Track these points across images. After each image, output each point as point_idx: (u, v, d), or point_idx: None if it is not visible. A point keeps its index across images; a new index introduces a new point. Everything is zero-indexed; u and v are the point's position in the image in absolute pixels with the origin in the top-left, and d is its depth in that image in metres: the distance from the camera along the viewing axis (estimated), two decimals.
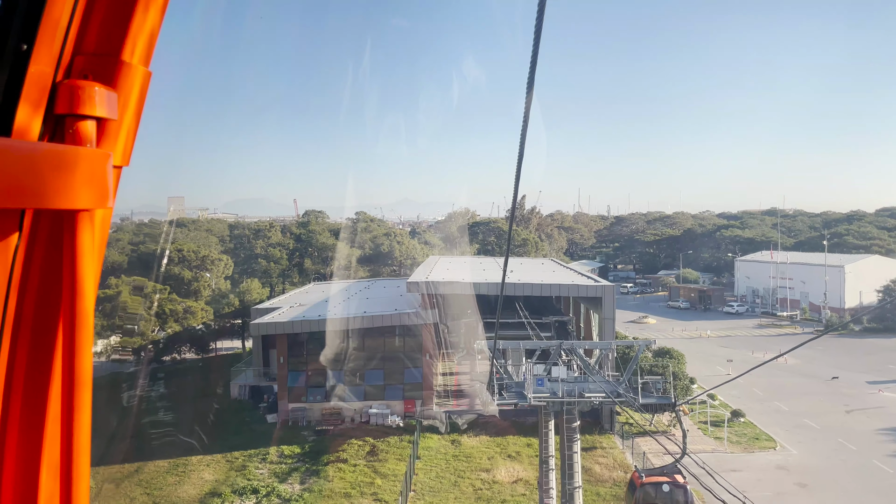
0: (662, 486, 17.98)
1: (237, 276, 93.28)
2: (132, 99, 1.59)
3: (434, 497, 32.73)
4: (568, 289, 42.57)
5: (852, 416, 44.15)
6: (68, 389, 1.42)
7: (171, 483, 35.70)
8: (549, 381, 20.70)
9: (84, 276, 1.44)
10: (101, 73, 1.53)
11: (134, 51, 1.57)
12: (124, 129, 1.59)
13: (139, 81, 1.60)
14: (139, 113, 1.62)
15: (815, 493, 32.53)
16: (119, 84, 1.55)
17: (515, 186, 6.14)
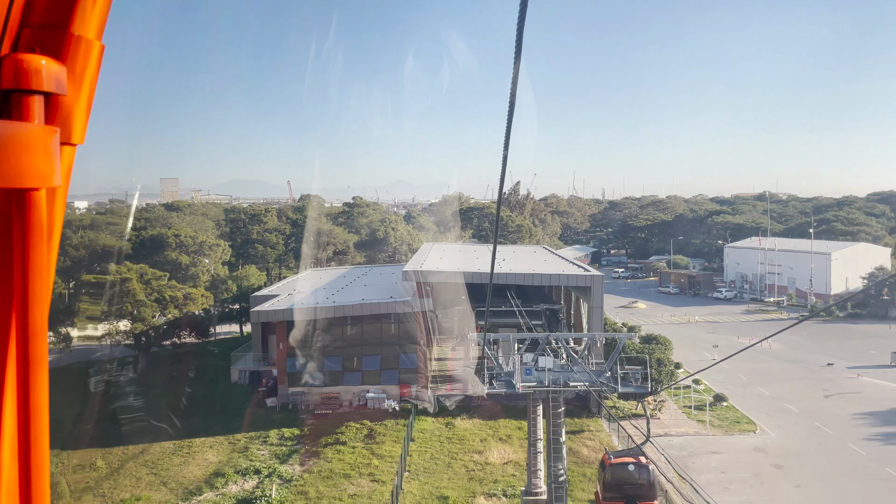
0: (628, 466, 19.88)
1: (234, 261, 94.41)
2: (83, 74, 1.54)
3: (428, 477, 34.33)
4: (558, 278, 44.01)
5: (831, 401, 45.93)
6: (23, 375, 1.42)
7: (177, 464, 37.20)
8: (537, 371, 22.17)
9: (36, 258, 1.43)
10: (50, 46, 1.49)
11: (84, 23, 1.53)
12: (75, 104, 1.54)
13: (91, 55, 1.55)
14: (92, 88, 1.58)
15: (790, 474, 34.26)
16: (69, 58, 1.50)
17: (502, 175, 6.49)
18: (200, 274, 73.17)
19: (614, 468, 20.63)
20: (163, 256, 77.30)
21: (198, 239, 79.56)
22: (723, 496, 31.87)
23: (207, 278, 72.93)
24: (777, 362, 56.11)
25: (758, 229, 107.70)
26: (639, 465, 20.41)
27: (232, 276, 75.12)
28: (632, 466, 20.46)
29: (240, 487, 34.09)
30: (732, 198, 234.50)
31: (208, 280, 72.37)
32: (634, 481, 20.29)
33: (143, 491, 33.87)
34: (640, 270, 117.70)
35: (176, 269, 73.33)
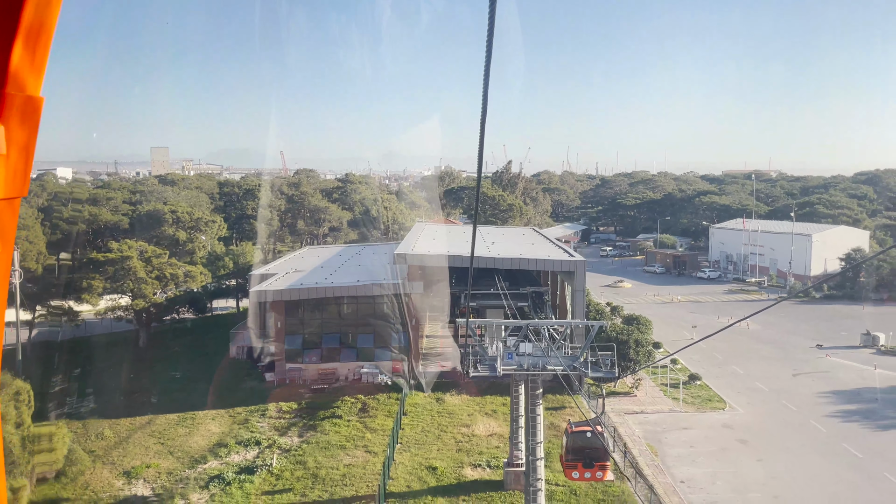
0: (586, 433, 22.69)
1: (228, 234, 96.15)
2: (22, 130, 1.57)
3: (419, 449, 36.82)
4: (543, 263, 46.20)
5: (798, 380, 48.67)
6: None
7: (182, 434, 39.55)
8: (518, 356, 24.41)
9: None
10: None
11: (20, 82, 1.55)
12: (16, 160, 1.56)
13: (29, 111, 1.58)
14: (32, 141, 1.59)
15: (753, 448, 36.95)
16: (5, 117, 1.53)
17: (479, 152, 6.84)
18: (197, 249, 74.90)
19: (574, 435, 23.64)
20: (160, 232, 79.04)
21: (194, 215, 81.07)
22: (690, 468, 34.61)
23: (204, 254, 74.66)
24: (753, 342, 58.78)
25: (743, 210, 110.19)
26: (594, 432, 23.31)
27: (228, 252, 76.90)
28: (589, 434, 23.35)
29: (242, 457, 36.50)
30: (723, 175, 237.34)
31: (205, 256, 74.08)
32: (591, 445, 23.30)
33: (151, 459, 36.21)
34: (627, 249, 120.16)
35: (173, 245, 75.14)
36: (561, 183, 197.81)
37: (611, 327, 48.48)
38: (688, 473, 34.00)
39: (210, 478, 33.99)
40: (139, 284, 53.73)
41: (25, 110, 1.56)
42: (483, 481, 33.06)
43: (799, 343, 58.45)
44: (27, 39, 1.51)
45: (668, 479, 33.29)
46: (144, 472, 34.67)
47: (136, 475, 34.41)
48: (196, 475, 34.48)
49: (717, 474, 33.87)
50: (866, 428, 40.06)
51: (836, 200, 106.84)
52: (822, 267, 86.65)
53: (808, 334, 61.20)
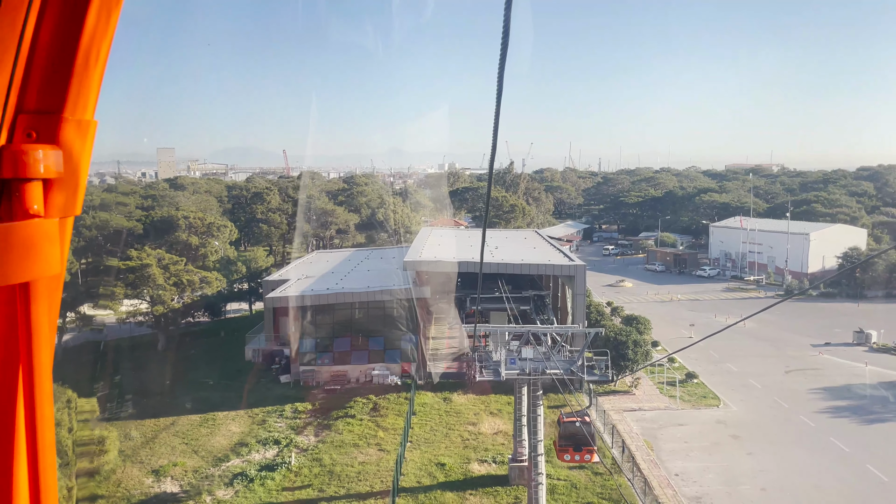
0: (575, 423, 25.43)
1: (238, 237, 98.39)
2: (79, 153, 1.63)
3: (428, 446, 39.05)
4: (545, 268, 48.32)
5: (791, 377, 50.74)
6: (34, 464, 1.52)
7: (204, 434, 41.86)
8: (520, 360, 26.55)
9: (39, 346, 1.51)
10: (45, 131, 1.56)
11: (77, 106, 1.61)
12: (72, 181, 1.62)
13: (84, 135, 1.64)
14: (86, 163, 1.66)
15: (745, 443, 39.08)
16: (63, 141, 1.59)
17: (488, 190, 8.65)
18: (210, 254, 77.28)
19: (566, 424, 26.74)
20: (173, 237, 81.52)
21: (206, 220, 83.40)
22: (683, 462, 36.76)
23: (216, 258, 76.99)
24: (748, 339, 60.73)
25: (742, 208, 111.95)
26: (583, 422, 26.37)
27: (241, 257, 79.27)
28: (578, 423, 26.38)
29: (262, 455, 38.78)
30: (725, 171, 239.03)
31: (217, 260, 76.41)
32: (580, 433, 26.26)
33: (177, 458, 38.51)
34: (629, 247, 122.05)
35: (186, 250, 77.59)
36: (563, 181, 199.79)
37: (610, 328, 50.67)
38: (681, 467, 36.15)
39: (234, 475, 36.29)
40: (158, 291, 56.09)
41: (81, 134, 1.65)
42: (489, 476, 35.26)
43: (793, 340, 60.47)
44: (84, 65, 1.62)
45: (663, 472, 35.45)
46: (172, 471, 36.98)
47: (165, 473, 36.72)
48: (220, 473, 36.77)
49: (709, 468, 36.01)
50: (854, 423, 42.14)
51: (834, 199, 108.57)
52: (820, 264, 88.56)
53: (802, 331, 63.21)
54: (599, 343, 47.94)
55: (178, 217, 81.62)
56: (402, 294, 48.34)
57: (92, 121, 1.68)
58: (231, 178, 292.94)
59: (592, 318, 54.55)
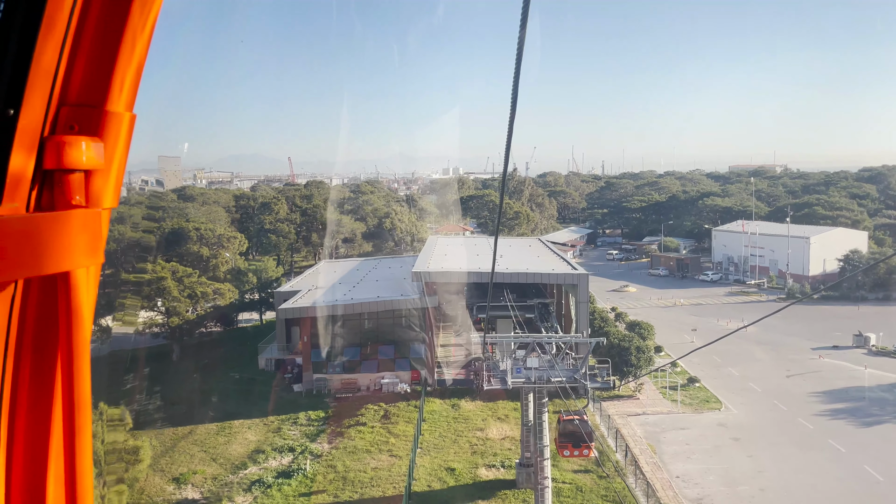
0: (574, 421, 27.64)
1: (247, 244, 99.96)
2: (118, 145, 1.67)
3: (438, 452, 40.42)
4: (549, 277, 49.71)
5: (791, 380, 51.95)
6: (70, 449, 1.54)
7: (222, 442, 43.33)
8: (525, 369, 27.92)
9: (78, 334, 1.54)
10: (87, 124, 1.60)
11: (118, 100, 1.65)
12: (111, 173, 1.66)
13: (124, 127, 1.68)
14: (125, 156, 1.71)
15: (745, 445, 40.34)
16: (105, 133, 1.63)
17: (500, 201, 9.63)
18: (221, 265, 78.96)
19: (565, 423, 28.67)
20: (185, 249, 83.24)
21: (217, 231, 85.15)
22: (685, 465, 38.06)
23: (227, 269, 78.60)
24: (750, 343, 61.82)
25: (745, 212, 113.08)
26: (581, 420, 28.40)
27: (251, 267, 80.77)
28: (577, 421, 28.28)
29: (278, 462, 40.23)
30: (728, 172, 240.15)
31: (227, 271, 77.96)
32: (578, 430, 28.12)
33: (197, 466, 40.00)
34: (633, 252, 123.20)
35: (197, 261, 79.31)
36: (566, 185, 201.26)
37: (614, 334, 52.00)
38: (683, 469, 37.44)
39: (251, 482, 37.74)
40: (174, 303, 57.67)
41: (121, 127, 1.68)
42: (497, 481, 36.59)
43: (794, 344, 61.63)
44: (125, 60, 1.65)
45: (665, 474, 36.74)
46: (192, 478, 38.45)
47: (185, 481, 38.19)
48: (238, 480, 38.23)
49: (710, 469, 37.28)
50: (851, 425, 43.35)
51: (835, 201, 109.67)
52: (821, 268, 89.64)
53: (803, 335, 64.36)
54: (604, 349, 49.39)
55: (190, 229, 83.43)
56: (410, 304, 49.76)
57: (131, 114, 1.73)
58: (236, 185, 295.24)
59: (596, 324, 55.89)
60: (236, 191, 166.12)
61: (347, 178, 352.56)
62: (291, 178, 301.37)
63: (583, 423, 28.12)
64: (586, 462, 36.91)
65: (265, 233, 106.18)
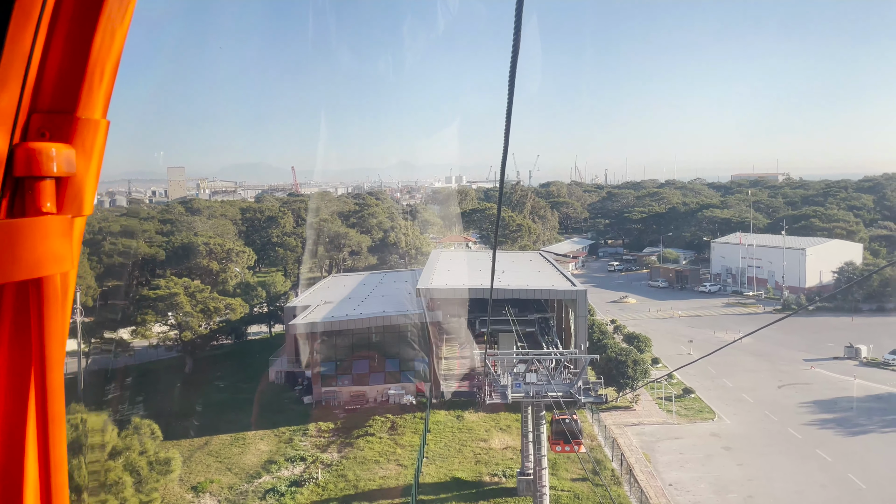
0: (565, 420, 30.17)
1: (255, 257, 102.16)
2: (91, 152, 1.65)
3: (443, 462, 42.39)
4: (548, 293, 51.79)
5: (782, 391, 53.83)
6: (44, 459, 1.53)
7: (236, 453, 45.37)
8: (525, 384, 29.94)
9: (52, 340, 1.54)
10: (58, 130, 1.58)
11: (90, 106, 1.63)
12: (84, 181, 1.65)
13: (97, 134, 1.66)
14: (99, 163, 1.69)
15: (735, 454, 42.25)
16: (76, 140, 1.61)
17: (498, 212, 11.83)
18: (230, 279, 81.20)
19: (557, 422, 31.07)
20: (194, 263, 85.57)
21: (225, 246, 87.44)
22: (678, 473, 39.99)
23: (236, 282, 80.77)
24: (744, 355, 63.71)
25: (743, 224, 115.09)
26: (571, 419, 30.80)
27: (259, 281, 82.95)
28: (567, 421, 30.72)
29: (290, 472, 42.22)
30: (730, 182, 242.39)
31: (236, 284, 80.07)
32: (568, 429, 30.55)
33: (213, 475, 42.03)
34: (633, 263, 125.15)
35: (206, 275, 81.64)
36: (569, 195, 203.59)
37: (612, 348, 54.02)
38: (676, 477, 39.37)
39: (265, 491, 39.75)
40: (186, 318, 59.85)
41: (94, 133, 1.67)
42: (499, 489, 38.57)
43: (786, 355, 63.51)
44: (97, 66, 1.64)
45: (659, 482, 38.67)
46: (209, 487, 40.48)
47: (203, 490, 40.22)
48: (253, 489, 40.25)
49: (701, 478, 39.21)
50: (839, 434, 45.24)
51: (831, 213, 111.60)
52: (818, 279, 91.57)
53: (796, 346, 66.24)
54: (602, 362, 51.38)
55: (199, 243, 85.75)
56: (415, 318, 51.84)
57: (104, 121, 1.72)
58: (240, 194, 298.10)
59: (595, 337, 57.93)
60: (242, 203, 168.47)
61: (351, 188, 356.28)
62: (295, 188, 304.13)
63: (573, 423, 30.57)
64: (584, 471, 38.90)
65: (272, 246, 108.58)
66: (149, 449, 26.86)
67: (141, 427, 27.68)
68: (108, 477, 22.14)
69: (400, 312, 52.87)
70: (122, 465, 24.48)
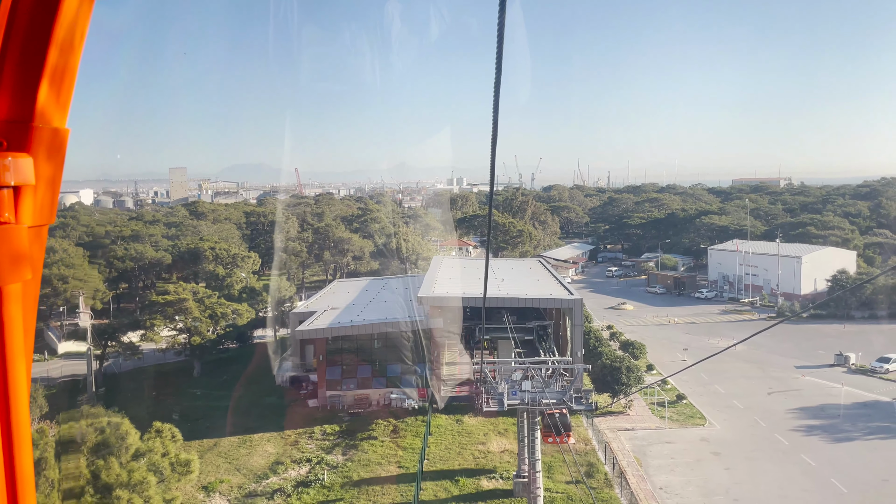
0: (556, 414, 31.83)
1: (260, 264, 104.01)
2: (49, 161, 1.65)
3: (443, 464, 44.18)
4: (545, 301, 53.59)
5: (772, 398, 55.57)
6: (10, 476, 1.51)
7: (244, 454, 47.19)
8: (520, 392, 31.75)
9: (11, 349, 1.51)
10: (16, 140, 1.59)
11: (47, 115, 1.63)
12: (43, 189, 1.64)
13: (56, 143, 1.66)
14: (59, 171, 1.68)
15: (724, 459, 44.01)
16: (34, 149, 1.61)
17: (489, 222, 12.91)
18: (235, 284, 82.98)
19: (549, 416, 32.75)
20: (200, 268, 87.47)
21: (231, 251, 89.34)
22: (668, 476, 41.75)
23: (241, 287, 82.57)
24: (737, 361, 65.46)
25: (741, 231, 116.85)
26: (561, 414, 32.41)
27: (264, 286, 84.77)
28: (557, 415, 32.36)
29: (297, 473, 44.04)
30: (730, 188, 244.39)
31: (241, 289, 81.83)
32: (559, 422, 32.13)
33: (223, 476, 43.85)
34: (632, 269, 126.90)
35: (212, 279, 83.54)
36: (570, 200, 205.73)
37: (607, 355, 55.79)
38: (666, 481, 41.13)
39: (273, 490, 41.58)
40: (195, 323, 61.71)
41: (52, 142, 1.67)
42: (496, 490, 40.36)
43: (778, 362, 65.24)
44: (53, 76, 1.64)
45: (649, 486, 40.44)
46: (219, 487, 42.30)
47: (213, 489, 42.04)
48: (261, 488, 42.07)
49: (690, 481, 40.97)
50: (824, 440, 46.98)
51: (827, 221, 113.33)
52: (812, 286, 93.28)
53: (788, 353, 67.97)
54: (598, 368, 53.16)
55: (205, 248, 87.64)
56: (417, 325, 53.67)
57: (63, 129, 1.71)
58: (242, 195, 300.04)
59: (591, 344, 59.68)
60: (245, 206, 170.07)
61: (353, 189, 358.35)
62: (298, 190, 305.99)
63: (562, 417, 32.42)
64: (577, 474, 40.68)
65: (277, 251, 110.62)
66: (170, 451, 28.72)
67: (162, 430, 29.46)
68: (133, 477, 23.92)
69: (402, 319, 54.67)
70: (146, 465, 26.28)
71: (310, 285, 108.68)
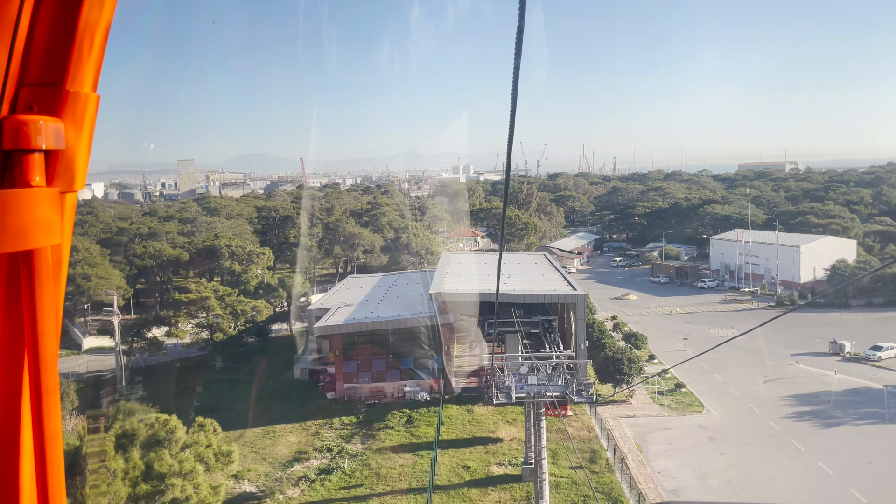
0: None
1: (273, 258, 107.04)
2: (81, 126, 1.64)
3: (455, 451, 47.27)
4: (550, 297, 56.38)
5: (767, 386, 58.36)
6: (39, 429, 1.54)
7: (269, 444, 50.41)
8: (527, 385, 34.65)
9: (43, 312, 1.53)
10: (47, 103, 1.58)
11: (79, 79, 1.63)
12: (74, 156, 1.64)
13: (87, 108, 1.66)
14: (90, 138, 1.68)
15: (718, 444, 46.91)
16: (65, 113, 1.61)
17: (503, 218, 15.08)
18: (251, 279, 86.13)
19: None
20: (217, 265, 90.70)
21: (247, 248, 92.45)
22: (666, 461, 44.69)
23: (257, 283, 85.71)
24: (735, 350, 67.64)
25: (742, 220, 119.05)
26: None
27: (279, 281, 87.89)
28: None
29: (319, 461, 47.22)
30: (736, 174, 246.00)
31: (256, 285, 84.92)
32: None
33: (250, 464, 47.08)
34: (636, 258, 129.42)
35: (229, 276, 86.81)
36: (575, 188, 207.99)
37: (610, 346, 58.64)
38: (664, 465, 44.09)
39: (298, 478, 44.78)
40: (217, 320, 64.91)
41: (83, 107, 1.67)
42: (506, 476, 43.41)
43: (775, 350, 67.87)
44: (85, 37, 1.62)
45: (648, 469, 43.42)
46: (247, 475, 45.52)
47: (242, 477, 45.25)
48: (287, 476, 45.27)
49: (686, 465, 43.92)
50: (814, 426, 49.79)
51: (828, 209, 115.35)
52: (812, 275, 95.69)
53: (784, 342, 70.56)
54: (600, 360, 56.03)
55: (221, 245, 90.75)
56: (428, 320, 56.63)
57: (94, 94, 1.70)
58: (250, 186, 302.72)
59: (594, 335, 62.51)
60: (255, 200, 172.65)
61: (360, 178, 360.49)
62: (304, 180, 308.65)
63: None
64: (581, 460, 43.67)
65: (289, 246, 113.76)
66: (213, 443, 31.77)
67: (205, 424, 32.52)
68: (184, 467, 26.93)
69: (414, 315, 57.66)
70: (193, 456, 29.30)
71: (320, 279, 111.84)
